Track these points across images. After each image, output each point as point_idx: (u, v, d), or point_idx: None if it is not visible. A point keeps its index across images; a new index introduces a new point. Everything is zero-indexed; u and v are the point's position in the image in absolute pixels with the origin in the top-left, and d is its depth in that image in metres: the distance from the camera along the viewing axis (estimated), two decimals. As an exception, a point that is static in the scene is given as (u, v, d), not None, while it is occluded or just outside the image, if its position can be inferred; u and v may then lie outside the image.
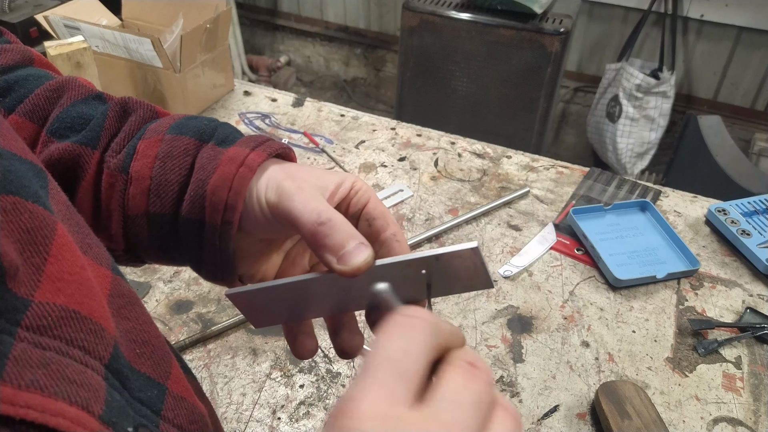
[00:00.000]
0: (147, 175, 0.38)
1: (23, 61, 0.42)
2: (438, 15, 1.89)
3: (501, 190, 1.00)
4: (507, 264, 0.86)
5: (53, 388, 0.21)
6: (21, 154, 0.27)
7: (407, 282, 0.36)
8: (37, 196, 0.25)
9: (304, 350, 0.41)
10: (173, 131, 0.39)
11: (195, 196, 0.37)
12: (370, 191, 0.39)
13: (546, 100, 1.92)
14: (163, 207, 0.38)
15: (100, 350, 0.25)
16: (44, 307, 0.23)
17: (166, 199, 0.37)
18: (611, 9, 2.26)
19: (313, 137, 1.11)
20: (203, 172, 0.37)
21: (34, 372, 0.21)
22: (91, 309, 0.25)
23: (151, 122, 0.41)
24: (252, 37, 3.12)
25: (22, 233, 0.24)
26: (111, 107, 0.40)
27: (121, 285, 0.30)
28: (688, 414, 0.68)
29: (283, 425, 0.66)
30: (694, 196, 0.99)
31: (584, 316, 0.79)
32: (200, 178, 0.37)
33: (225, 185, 0.36)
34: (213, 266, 0.39)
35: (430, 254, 0.34)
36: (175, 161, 0.38)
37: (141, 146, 0.38)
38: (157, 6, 1.20)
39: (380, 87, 2.99)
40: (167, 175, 0.37)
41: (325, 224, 0.34)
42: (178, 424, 0.29)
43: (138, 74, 1.10)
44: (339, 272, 0.33)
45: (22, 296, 0.22)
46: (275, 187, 0.36)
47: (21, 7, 1.35)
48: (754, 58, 2.16)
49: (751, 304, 0.81)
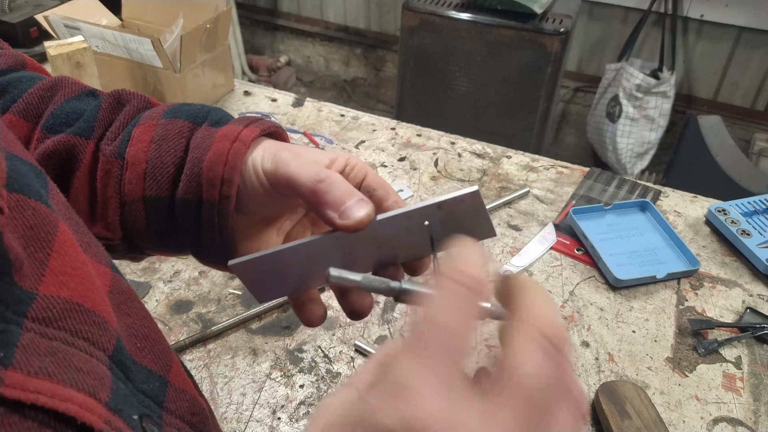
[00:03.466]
0: (143, 159, 0.38)
1: (16, 65, 0.43)
2: (438, 15, 1.89)
3: (501, 190, 1.00)
4: (507, 264, 0.86)
5: (61, 375, 0.22)
6: (21, 156, 0.28)
7: (411, 237, 0.35)
8: (39, 194, 0.26)
9: (312, 317, 0.40)
10: (167, 116, 0.39)
11: (191, 174, 0.37)
12: (366, 166, 0.39)
13: (546, 100, 1.92)
14: (159, 190, 0.38)
15: (104, 342, 0.25)
16: (49, 300, 0.23)
17: (162, 181, 0.38)
18: (611, 9, 2.26)
19: (313, 137, 1.11)
20: (198, 151, 0.37)
21: (43, 360, 0.22)
22: (94, 302, 0.26)
23: (145, 111, 0.41)
24: (252, 37, 3.12)
25: (26, 229, 0.24)
26: (104, 99, 0.41)
27: (120, 282, 0.30)
28: (688, 414, 0.68)
29: (283, 425, 0.66)
30: (694, 196, 0.99)
31: (584, 316, 0.79)
32: (195, 156, 0.37)
33: (220, 160, 0.36)
34: (212, 247, 0.39)
35: (431, 203, 0.34)
36: (170, 143, 0.38)
37: (136, 132, 0.39)
38: (157, 6, 1.20)
39: (380, 87, 2.99)
40: (163, 157, 0.38)
41: (324, 181, 0.34)
42: (180, 416, 0.30)
43: (138, 74, 1.11)
44: (342, 227, 0.33)
45: (27, 289, 0.23)
46: (271, 156, 0.36)
47: (21, 7, 1.35)
48: (754, 58, 2.16)
49: (751, 304, 0.81)
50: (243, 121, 0.39)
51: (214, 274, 0.84)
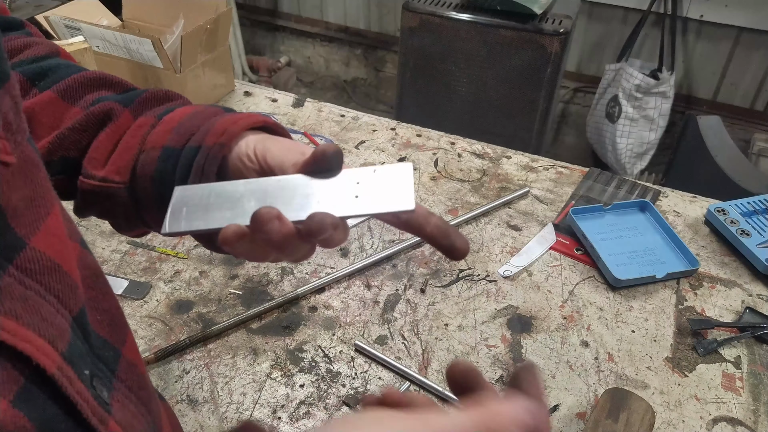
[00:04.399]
0: (176, 120, 0.45)
1: (51, 53, 0.49)
2: (438, 15, 1.89)
3: (501, 191, 1.00)
4: (507, 264, 0.86)
5: (27, 319, 0.24)
6: None
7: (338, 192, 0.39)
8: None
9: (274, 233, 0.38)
10: (199, 104, 0.48)
11: (204, 129, 0.43)
12: None
13: (545, 101, 1.92)
14: (178, 142, 0.43)
15: (71, 304, 0.28)
16: (36, 253, 0.26)
17: (182, 136, 0.43)
18: (611, 9, 2.26)
19: (313, 138, 1.11)
20: (215, 118, 0.45)
21: (14, 303, 0.24)
22: (70, 268, 0.29)
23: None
24: (252, 38, 3.12)
25: (35, 185, 0.28)
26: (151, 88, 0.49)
27: (87, 258, 0.33)
28: (688, 414, 0.68)
29: (284, 425, 0.67)
30: (693, 196, 1.00)
31: (584, 316, 0.80)
32: (212, 122, 0.44)
33: (228, 124, 0.43)
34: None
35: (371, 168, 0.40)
36: (201, 117, 0.45)
37: (178, 110, 0.46)
38: (157, 6, 1.21)
39: (380, 87, 2.99)
40: (191, 121, 0.44)
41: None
42: (129, 386, 0.32)
43: (138, 75, 1.11)
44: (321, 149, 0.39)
45: (21, 236, 0.26)
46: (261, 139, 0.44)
47: (21, 7, 1.35)
48: (754, 59, 2.16)
49: (751, 304, 0.81)
50: (257, 114, 0.46)
51: (214, 274, 0.84)
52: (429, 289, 0.83)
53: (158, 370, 0.72)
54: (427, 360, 0.74)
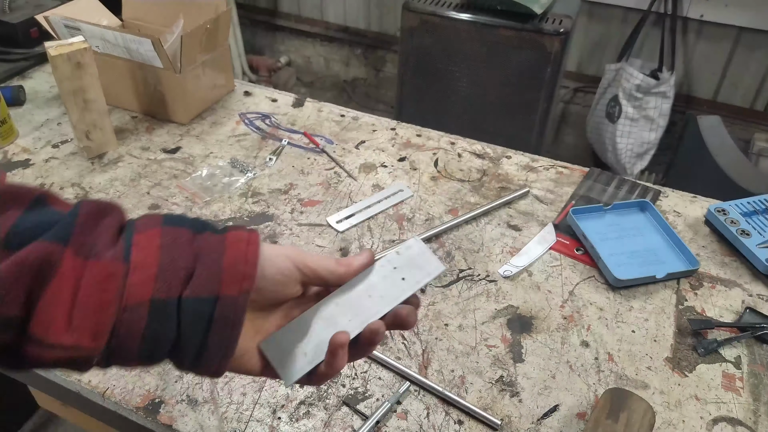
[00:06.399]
0: (153, 263, 0.38)
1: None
2: (438, 15, 1.89)
3: (501, 191, 1.00)
4: (507, 264, 0.86)
5: None
6: None
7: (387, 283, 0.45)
8: None
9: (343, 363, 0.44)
10: (168, 224, 0.40)
11: (209, 274, 0.39)
12: None
13: (546, 101, 1.92)
14: (170, 292, 0.38)
15: None
16: None
17: (173, 283, 0.38)
18: (611, 9, 2.26)
19: (313, 137, 1.11)
20: (214, 254, 0.40)
21: None
22: None
23: (128, 220, 0.41)
24: (252, 38, 3.12)
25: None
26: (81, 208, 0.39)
27: None
28: (688, 414, 0.68)
29: (284, 425, 0.66)
30: (693, 196, 1.00)
31: (584, 316, 0.79)
32: (212, 258, 0.39)
33: (241, 260, 0.40)
34: (216, 348, 0.40)
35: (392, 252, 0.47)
36: (180, 249, 0.39)
37: (138, 239, 0.39)
38: (157, 6, 1.21)
39: (380, 87, 2.99)
40: (175, 262, 0.38)
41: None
42: None
43: (138, 75, 1.11)
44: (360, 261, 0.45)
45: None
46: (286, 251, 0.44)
47: (21, 7, 1.35)
48: (754, 59, 2.16)
49: (751, 304, 0.81)
50: (244, 229, 0.43)
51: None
52: (429, 289, 0.83)
53: (158, 370, 0.72)
54: (427, 360, 0.74)
